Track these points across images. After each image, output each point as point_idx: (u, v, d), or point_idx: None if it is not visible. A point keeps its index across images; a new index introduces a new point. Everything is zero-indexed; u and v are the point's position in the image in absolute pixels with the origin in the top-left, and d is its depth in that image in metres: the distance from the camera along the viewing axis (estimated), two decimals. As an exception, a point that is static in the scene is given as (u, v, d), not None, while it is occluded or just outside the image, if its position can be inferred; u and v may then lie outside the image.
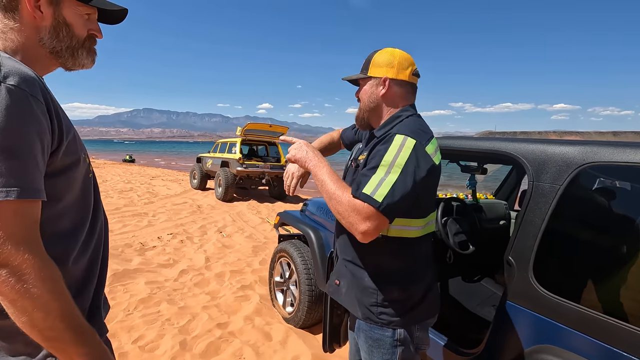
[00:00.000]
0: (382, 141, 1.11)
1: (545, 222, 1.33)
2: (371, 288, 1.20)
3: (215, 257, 4.43)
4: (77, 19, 0.81)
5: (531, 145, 1.46)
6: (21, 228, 0.62)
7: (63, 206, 0.75)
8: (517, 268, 1.39)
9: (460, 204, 2.28)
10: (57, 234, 0.74)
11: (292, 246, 2.86)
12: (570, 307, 1.23)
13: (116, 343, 2.42)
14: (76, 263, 0.78)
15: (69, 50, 0.81)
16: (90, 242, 0.83)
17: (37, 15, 0.75)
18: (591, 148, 1.29)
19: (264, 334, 2.66)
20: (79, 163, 0.77)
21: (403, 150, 1.03)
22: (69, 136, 0.73)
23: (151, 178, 13.84)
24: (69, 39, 0.80)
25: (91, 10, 0.83)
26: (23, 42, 0.76)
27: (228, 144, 9.97)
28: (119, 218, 6.23)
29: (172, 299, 3.16)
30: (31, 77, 0.66)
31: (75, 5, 0.80)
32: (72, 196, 0.77)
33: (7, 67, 0.64)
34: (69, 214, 0.77)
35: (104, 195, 8.66)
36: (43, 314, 0.62)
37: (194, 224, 6.25)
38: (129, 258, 4.15)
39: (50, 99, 0.69)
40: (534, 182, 1.40)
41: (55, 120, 0.69)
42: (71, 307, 0.67)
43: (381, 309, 1.18)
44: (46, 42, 0.78)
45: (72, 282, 0.77)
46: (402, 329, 1.18)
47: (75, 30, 0.81)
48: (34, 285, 0.61)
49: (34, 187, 0.64)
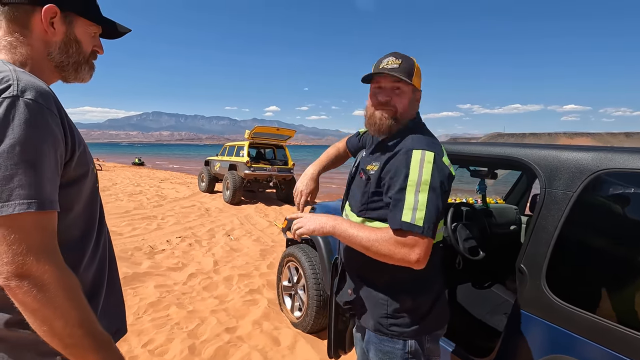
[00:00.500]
0: (396, 156, 1.10)
1: (559, 230, 1.30)
2: (382, 299, 1.19)
3: (223, 261, 4.45)
4: (86, 36, 0.85)
5: (543, 151, 1.44)
6: (41, 239, 0.64)
7: (73, 216, 0.77)
8: (530, 276, 1.37)
9: (470, 209, 2.26)
10: (67, 243, 0.75)
11: (300, 250, 2.86)
12: (584, 316, 1.20)
13: (126, 347, 2.44)
14: (85, 272, 0.80)
15: (74, 65, 0.84)
16: (97, 251, 0.85)
17: (49, 31, 0.78)
18: (605, 154, 1.26)
19: (272, 339, 2.66)
20: (87, 174, 0.79)
21: (425, 165, 1.04)
22: (81, 148, 0.75)
23: (160, 181, 13.98)
24: (77, 54, 0.84)
25: (98, 29, 0.87)
26: (32, 55, 0.78)
27: (236, 147, 10.03)
28: (129, 221, 6.30)
29: (181, 303, 3.18)
30: (46, 91, 0.68)
31: (87, 24, 0.84)
32: (81, 206, 0.79)
33: (23, 81, 0.66)
34: (78, 224, 0.79)
35: (114, 199, 8.77)
36: (63, 322, 0.64)
37: (202, 227, 6.30)
38: (138, 261, 4.19)
39: (63, 112, 0.71)
40: (546, 189, 1.37)
41: (68, 133, 0.71)
42: (88, 314, 0.69)
43: (392, 320, 1.17)
44: (55, 56, 0.81)
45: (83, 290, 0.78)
46: (413, 340, 1.17)
47: (83, 47, 0.84)
48: (55, 295, 0.63)
49: (52, 199, 0.65)
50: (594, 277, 1.34)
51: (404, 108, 1.18)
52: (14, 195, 0.60)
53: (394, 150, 1.14)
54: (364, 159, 1.35)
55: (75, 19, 0.81)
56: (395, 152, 1.13)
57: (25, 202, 0.61)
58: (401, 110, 1.18)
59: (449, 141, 2.01)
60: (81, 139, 0.77)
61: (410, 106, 1.20)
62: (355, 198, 1.27)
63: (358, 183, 1.28)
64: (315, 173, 1.57)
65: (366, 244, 1.06)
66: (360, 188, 1.24)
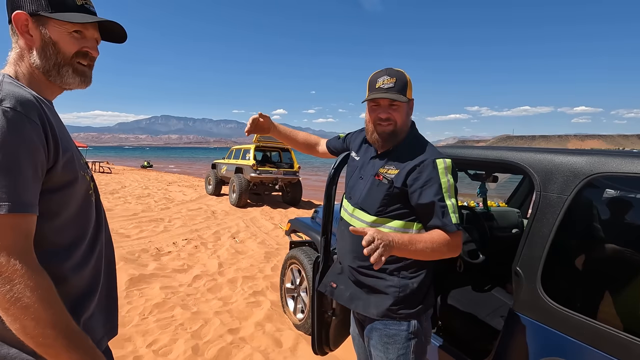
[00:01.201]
0: (422, 165, 1.24)
1: (553, 233, 1.31)
2: (393, 287, 1.29)
3: (228, 263, 4.50)
4: (63, 36, 0.81)
5: (538, 155, 1.45)
6: (12, 240, 0.66)
7: (61, 221, 0.79)
8: (525, 279, 1.38)
9: (470, 212, 2.26)
10: (53, 248, 0.78)
11: (302, 253, 2.89)
12: (579, 319, 1.21)
13: (131, 346, 2.49)
14: (75, 275, 0.81)
15: (55, 68, 0.81)
16: (90, 256, 0.86)
17: (27, 38, 0.79)
18: (599, 158, 1.27)
19: (274, 340, 2.69)
20: (76, 181, 0.80)
21: (448, 172, 1.23)
22: (66, 155, 0.77)
23: (168, 184, 14.15)
24: (54, 56, 0.81)
25: (79, 26, 0.83)
26: (27, 68, 0.81)
27: (242, 151, 10.12)
28: (137, 223, 6.40)
29: (186, 304, 3.22)
30: (28, 99, 0.71)
31: (61, 24, 0.80)
32: (70, 212, 0.80)
33: (4, 91, 0.69)
34: (66, 230, 0.80)
35: (122, 201, 8.90)
36: (34, 322, 0.66)
37: (208, 229, 6.36)
38: (145, 263, 4.25)
39: (47, 121, 0.73)
40: (541, 192, 1.38)
41: (51, 140, 0.73)
42: (61, 315, 0.70)
43: (401, 305, 1.28)
44: (38, 62, 0.80)
45: (71, 294, 0.80)
46: (415, 320, 1.29)
47: (61, 47, 0.81)
48: (24, 295, 0.65)
49: (25, 202, 0.68)
50: (588, 280, 1.34)
51: (403, 121, 1.31)
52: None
53: (415, 160, 1.27)
54: (368, 162, 1.40)
55: (47, 21, 0.79)
56: (417, 162, 1.26)
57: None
58: (400, 124, 1.31)
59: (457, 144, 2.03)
60: (69, 147, 0.78)
61: (407, 118, 1.34)
62: (370, 200, 1.33)
63: (374, 186, 1.33)
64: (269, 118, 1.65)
65: (431, 253, 1.18)
66: (381, 191, 1.30)
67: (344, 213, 1.44)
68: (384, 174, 1.31)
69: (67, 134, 0.84)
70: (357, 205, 1.37)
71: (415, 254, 1.16)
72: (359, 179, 1.40)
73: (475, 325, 1.85)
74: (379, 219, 1.30)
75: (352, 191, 1.42)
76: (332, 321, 1.74)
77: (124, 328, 2.72)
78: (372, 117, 1.33)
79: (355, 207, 1.37)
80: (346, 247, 1.40)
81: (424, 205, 1.22)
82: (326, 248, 1.76)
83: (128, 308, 3.06)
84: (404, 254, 1.16)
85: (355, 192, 1.39)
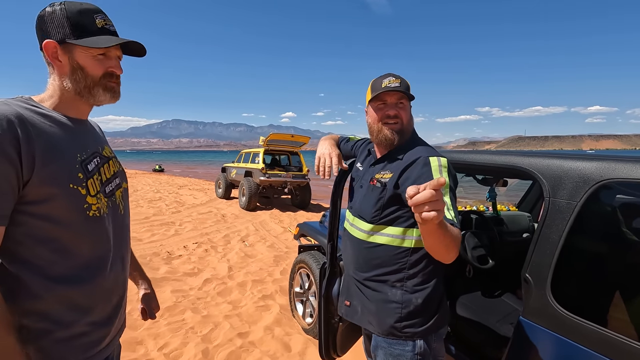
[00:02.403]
0: (414, 165, 1.19)
1: (563, 239, 1.30)
2: (395, 302, 1.23)
3: (237, 267, 4.54)
4: (89, 61, 0.87)
5: (547, 160, 1.44)
6: None
7: (41, 235, 0.79)
8: (535, 285, 1.36)
9: (479, 216, 2.24)
10: (33, 261, 0.79)
11: (310, 257, 2.90)
12: (590, 327, 1.19)
13: (143, 350, 2.53)
14: (57, 291, 0.81)
15: (86, 89, 0.89)
16: (83, 274, 0.86)
17: (57, 64, 0.86)
18: (609, 164, 1.25)
19: (283, 345, 2.70)
20: (59, 196, 0.80)
21: (443, 170, 1.15)
22: (46, 170, 0.78)
23: (179, 187, 14.33)
24: (84, 79, 0.88)
25: (104, 50, 0.88)
26: (57, 90, 0.88)
27: (251, 154, 10.20)
28: (148, 227, 6.50)
29: (196, 308, 3.26)
30: (3, 116, 0.73)
31: (85, 49, 0.86)
32: (53, 227, 0.80)
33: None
34: (48, 242, 0.80)
35: (135, 205, 9.04)
36: None
37: (218, 233, 6.42)
38: (156, 267, 4.32)
39: (24, 136, 0.75)
40: (550, 198, 1.37)
41: (26, 155, 0.75)
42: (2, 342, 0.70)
43: (405, 322, 1.22)
44: (69, 85, 0.88)
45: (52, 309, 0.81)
46: (422, 340, 1.22)
47: (89, 71, 0.87)
48: None
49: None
50: (599, 287, 1.32)
51: (407, 120, 1.30)
52: None
53: (408, 160, 1.22)
54: (368, 169, 1.39)
55: (73, 47, 0.86)
56: (410, 161, 1.21)
57: None
58: (405, 123, 1.30)
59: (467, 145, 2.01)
60: (51, 161, 0.79)
61: (410, 119, 1.32)
62: (365, 207, 1.31)
63: (369, 192, 1.31)
64: (333, 142, 1.60)
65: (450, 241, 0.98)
66: (374, 196, 1.28)
67: (346, 223, 1.44)
68: (378, 178, 1.29)
69: (71, 148, 0.85)
70: (356, 213, 1.36)
71: (444, 235, 0.95)
72: (359, 188, 1.40)
73: (484, 332, 1.83)
74: (376, 226, 1.26)
75: (353, 200, 1.42)
76: (340, 327, 1.74)
77: (136, 331, 2.76)
78: (379, 116, 1.30)
79: (355, 215, 1.37)
80: (349, 257, 1.40)
81: None
82: (332, 254, 1.77)
83: (140, 311, 3.10)
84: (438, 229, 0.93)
85: (355, 201, 1.39)
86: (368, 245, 1.29)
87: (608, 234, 1.35)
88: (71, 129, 0.89)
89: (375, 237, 1.27)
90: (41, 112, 0.83)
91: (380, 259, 1.26)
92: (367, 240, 1.29)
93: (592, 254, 1.37)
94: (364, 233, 1.30)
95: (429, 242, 1.00)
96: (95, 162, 0.93)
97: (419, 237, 1.22)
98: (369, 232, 1.28)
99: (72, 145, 0.87)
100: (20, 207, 0.76)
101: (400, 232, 1.24)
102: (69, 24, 0.84)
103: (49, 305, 0.81)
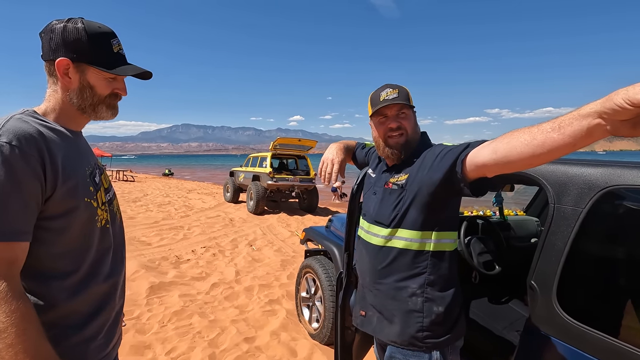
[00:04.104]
0: (425, 154, 1.23)
1: (568, 246, 1.28)
2: (416, 311, 1.20)
3: (245, 271, 4.56)
4: (99, 82, 0.92)
5: (551, 166, 1.43)
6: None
7: (58, 247, 0.83)
8: (540, 293, 1.35)
9: (485, 222, 2.23)
10: (50, 272, 0.82)
11: (317, 262, 2.90)
12: (597, 336, 1.17)
13: (151, 354, 2.57)
14: (72, 301, 0.85)
15: (91, 107, 0.93)
16: (91, 282, 0.89)
17: (65, 80, 0.89)
18: (615, 170, 1.24)
19: (289, 350, 2.71)
20: (77, 209, 0.85)
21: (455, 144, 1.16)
22: (67, 185, 0.82)
23: (188, 192, 14.47)
24: (91, 97, 0.92)
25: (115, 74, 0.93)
26: (59, 103, 0.91)
27: (259, 158, 10.27)
28: (157, 231, 6.58)
29: (203, 312, 3.29)
30: (27, 134, 0.77)
31: (98, 71, 0.91)
32: (68, 239, 0.84)
33: (5, 127, 0.75)
34: (64, 255, 0.84)
35: (144, 209, 9.17)
36: (6, 346, 0.69)
37: (226, 237, 6.47)
38: (165, 271, 4.37)
39: (48, 153, 0.78)
40: (555, 205, 1.36)
41: (49, 171, 0.78)
42: (36, 342, 0.72)
43: (427, 333, 1.19)
44: (74, 101, 0.91)
45: (69, 317, 0.85)
46: (438, 351, 1.19)
47: (97, 90, 0.92)
48: (0, 320, 0.69)
49: (10, 231, 0.72)
50: (607, 295, 1.30)
51: (412, 129, 1.29)
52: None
53: (417, 159, 1.25)
54: (380, 176, 1.38)
55: (87, 68, 0.89)
56: (423, 156, 1.24)
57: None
58: (410, 132, 1.28)
59: None
60: (70, 176, 0.83)
61: (415, 126, 1.32)
62: (383, 211, 1.29)
63: (385, 195, 1.30)
64: (342, 146, 1.58)
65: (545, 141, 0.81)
66: (392, 198, 1.26)
67: (361, 231, 1.42)
68: (394, 182, 1.28)
69: (80, 162, 0.90)
70: (371, 220, 1.34)
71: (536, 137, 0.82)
72: (372, 195, 1.38)
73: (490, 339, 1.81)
74: (394, 229, 1.24)
75: (366, 208, 1.40)
76: (355, 337, 1.73)
77: (144, 335, 2.80)
78: (382, 131, 1.29)
79: (370, 222, 1.34)
80: (364, 266, 1.37)
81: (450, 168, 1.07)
82: (349, 264, 1.76)
83: (148, 315, 3.15)
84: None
85: (369, 208, 1.37)
86: (386, 251, 1.27)
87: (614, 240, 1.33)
88: (75, 143, 0.92)
89: (393, 242, 1.25)
90: (52, 127, 0.85)
91: (399, 264, 1.24)
92: (386, 245, 1.27)
93: (599, 260, 1.35)
94: (382, 238, 1.27)
95: (579, 146, 0.77)
96: (98, 174, 0.97)
97: (438, 240, 1.21)
98: (386, 236, 1.26)
99: (81, 160, 0.91)
100: (38, 222, 0.79)
101: (419, 235, 1.21)
102: (89, 45, 0.88)
103: (65, 312, 0.84)
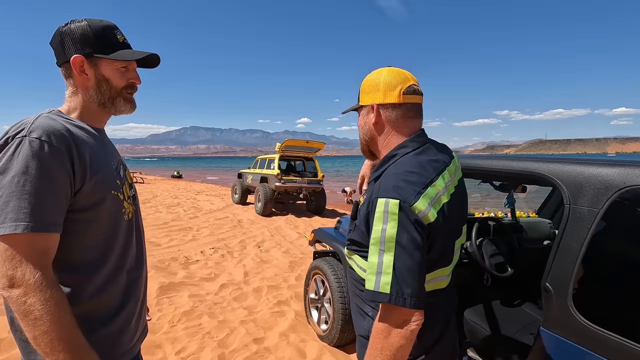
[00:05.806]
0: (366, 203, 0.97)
1: (584, 248, 1.26)
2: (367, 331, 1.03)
3: (253, 272, 4.57)
4: (113, 73, 0.93)
5: (567, 167, 1.40)
6: (30, 257, 0.73)
7: (87, 239, 0.85)
8: (555, 295, 1.33)
9: (497, 223, 2.20)
10: (80, 263, 0.84)
11: (325, 263, 2.90)
12: (614, 339, 1.15)
13: (161, 353, 2.58)
14: (100, 292, 0.87)
15: (110, 100, 0.95)
16: (117, 274, 0.92)
17: (83, 78, 0.91)
18: (632, 170, 1.22)
19: (298, 351, 2.70)
20: (104, 201, 0.87)
21: (389, 218, 0.85)
22: (95, 178, 0.84)
23: (196, 193, 14.58)
24: (109, 91, 0.94)
25: (126, 63, 0.95)
26: (81, 102, 0.93)
27: (267, 160, 10.31)
28: (167, 232, 6.63)
29: (213, 313, 3.30)
30: (56, 130, 0.79)
31: (111, 62, 0.93)
32: (97, 231, 0.87)
33: (36, 124, 0.78)
34: (92, 247, 0.87)
35: (154, 210, 9.26)
36: (42, 334, 0.72)
37: (234, 238, 6.50)
38: (174, 271, 4.40)
39: (75, 148, 0.81)
40: (570, 205, 1.33)
41: (78, 166, 0.81)
42: (69, 329, 0.75)
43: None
44: (94, 97, 0.93)
45: (96, 308, 0.87)
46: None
47: (113, 82, 0.94)
48: (35, 307, 0.71)
49: (46, 223, 0.75)
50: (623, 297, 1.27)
51: (359, 132, 1.09)
52: (8, 219, 0.72)
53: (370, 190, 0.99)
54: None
55: (99, 61, 0.91)
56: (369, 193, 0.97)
57: (14, 224, 0.71)
58: (360, 135, 1.09)
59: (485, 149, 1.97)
60: (98, 170, 0.86)
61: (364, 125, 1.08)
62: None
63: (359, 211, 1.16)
64: (368, 162, 1.54)
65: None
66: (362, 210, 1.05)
67: None
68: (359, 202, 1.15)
69: (106, 157, 0.93)
70: None
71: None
72: None
73: (503, 342, 1.78)
74: (348, 251, 1.10)
75: None
76: None
77: (155, 335, 2.82)
78: None
79: None
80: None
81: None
82: None
83: (158, 315, 3.17)
84: None
85: None
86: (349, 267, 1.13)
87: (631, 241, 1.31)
88: (100, 139, 0.95)
89: (350, 262, 1.11)
90: (77, 125, 0.88)
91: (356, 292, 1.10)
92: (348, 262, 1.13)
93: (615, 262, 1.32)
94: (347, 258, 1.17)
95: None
96: (123, 169, 1.01)
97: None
98: (347, 256, 1.13)
99: (107, 155, 0.94)
100: (68, 214, 0.82)
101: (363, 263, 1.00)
102: (95, 39, 0.90)
103: (94, 306, 0.87)
